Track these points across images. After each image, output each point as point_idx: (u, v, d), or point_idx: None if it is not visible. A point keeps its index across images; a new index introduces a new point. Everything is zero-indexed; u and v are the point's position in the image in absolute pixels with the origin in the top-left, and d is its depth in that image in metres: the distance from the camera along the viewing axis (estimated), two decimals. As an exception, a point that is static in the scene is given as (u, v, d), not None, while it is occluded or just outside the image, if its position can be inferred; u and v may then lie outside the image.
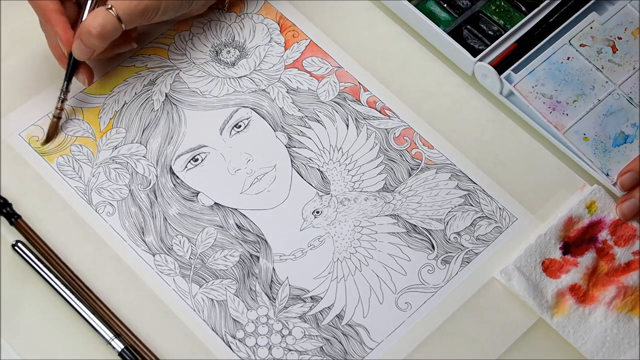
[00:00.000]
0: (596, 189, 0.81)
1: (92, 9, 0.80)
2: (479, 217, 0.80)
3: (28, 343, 0.74)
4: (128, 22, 0.78)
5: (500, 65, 0.84)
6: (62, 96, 0.81)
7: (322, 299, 0.77)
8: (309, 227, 0.80)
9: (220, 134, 0.83)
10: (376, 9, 0.90)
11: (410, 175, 0.82)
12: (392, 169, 0.82)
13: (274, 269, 0.78)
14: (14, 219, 0.78)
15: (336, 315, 0.76)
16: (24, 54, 0.85)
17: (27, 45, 0.86)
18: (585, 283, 0.78)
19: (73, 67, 0.81)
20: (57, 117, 0.82)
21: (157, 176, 0.81)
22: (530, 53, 0.85)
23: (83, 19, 0.80)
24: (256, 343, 0.75)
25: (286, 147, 0.83)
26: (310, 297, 0.77)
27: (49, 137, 0.82)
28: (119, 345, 0.73)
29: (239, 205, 0.80)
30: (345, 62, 0.87)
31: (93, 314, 0.74)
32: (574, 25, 0.86)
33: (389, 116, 0.85)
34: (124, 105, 0.84)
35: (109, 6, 0.77)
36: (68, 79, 0.81)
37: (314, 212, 0.80)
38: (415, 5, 0.87)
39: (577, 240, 0.79)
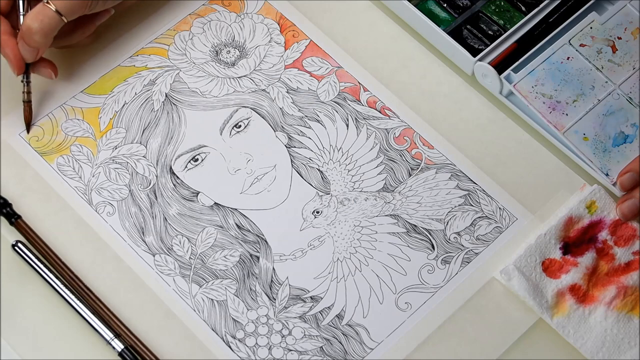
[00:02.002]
0: (596, 189, 0.81)
1: (26, 9, 0.80)
2: (479, 217, 0.80)
3: (28, 343, 0.74)
4: (68, 14, 0.78)
5: (500, 65, 0.84)
6: (26, 81, 0.81)
7: (322, 299, 0.77)
8: (309, 227, 0.80)
9: (220, 134, 0.83)
10: (376, 9, 0.90)
11: (410, 175, 0.82)
12: (392, 169, 0.82)
13: (274, 269, 0.78)
14: (14, 219, 0.78)
15: (336, 315, 0.76)
16: (24, 54, 0.85)
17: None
18: (585, 283, 0.78)
19: (27, 67, 0.80)
20: (28, 101, 0.82)
21: (157, 176, 0.81)
22: (530, 53, 0.85)
23: (21, 19, 0.79)
24: (256, 343, 0.75)
25: (286, 147, 0.83)
26: (310, 297, 0.77)
27: (27, 123, 0.82)
28: (119, 345, 0.73)
29: (239, 205, 0.80)
30: (345, 62, 0.87)
31: (93, 314, 0.74)
32: (574, 25, 0.86)
33: (389, 116, 0.85)
34: (124, 105, 0.84)
35: (46, 0, 0.77)
36: (26, 76, 0.81)
37: (314, 212, 0.80)
38: (415, 5, 0.87)
39: (577, 240, 0.79)
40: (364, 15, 0.89)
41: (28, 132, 0.82)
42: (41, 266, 0.76)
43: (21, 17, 0.80)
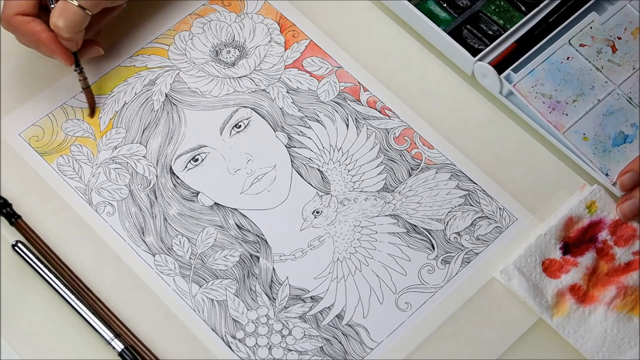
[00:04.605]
0: (596, 189, 0.81)
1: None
2: (479, 217, 0.80)
3: (28, 343, 0.74)
4: (91, 7, 0.78)
5: (500, 65, 0.84)
6: (79, 69, 0.82)
7: (322, 299, 0.77)
8: (309, 227, 0.80)
9: (220, 134, 0.83)
10: (376, 9, 0.90)
11: (410, 175, 0.82)
12: (392, 169, 0.82)
13: (274, 269, 0.78)
14: (14, 219, 0.78)
15: (336, 315, 0.76)
16: (24, 54, 0.85)
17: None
18: (585, 283, 0.78)
19: (75, 55, 0.81)
20: (87, 87, 0.83)
21: (157, 176, 0.81)
22: (530, 53, 0.85)
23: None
24: (256, 343, 0.75)
25: (286, 147, 0.83)
26: (310, 297, 0.77)
27: (92, 107, 0.83)
28: (119, 346, 0.73)
29: (239, 205, 0.80)
30: (345, 62, 0.87)
31: (93, 314, 0.74)
32: (574, 25, 0.86)
33: (389, 116, 0.85)
34: (124, 106, 0.84)
35: None
36: (76, 64, 0.82)
37: (314, 212, 0.80)
38: (415, 5, 0.87)
39: (577, 240, 0.79)
40: (364, 15, 0.89)
41: (92, 116, 0.83)
42: (41, 266, 0.76)
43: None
